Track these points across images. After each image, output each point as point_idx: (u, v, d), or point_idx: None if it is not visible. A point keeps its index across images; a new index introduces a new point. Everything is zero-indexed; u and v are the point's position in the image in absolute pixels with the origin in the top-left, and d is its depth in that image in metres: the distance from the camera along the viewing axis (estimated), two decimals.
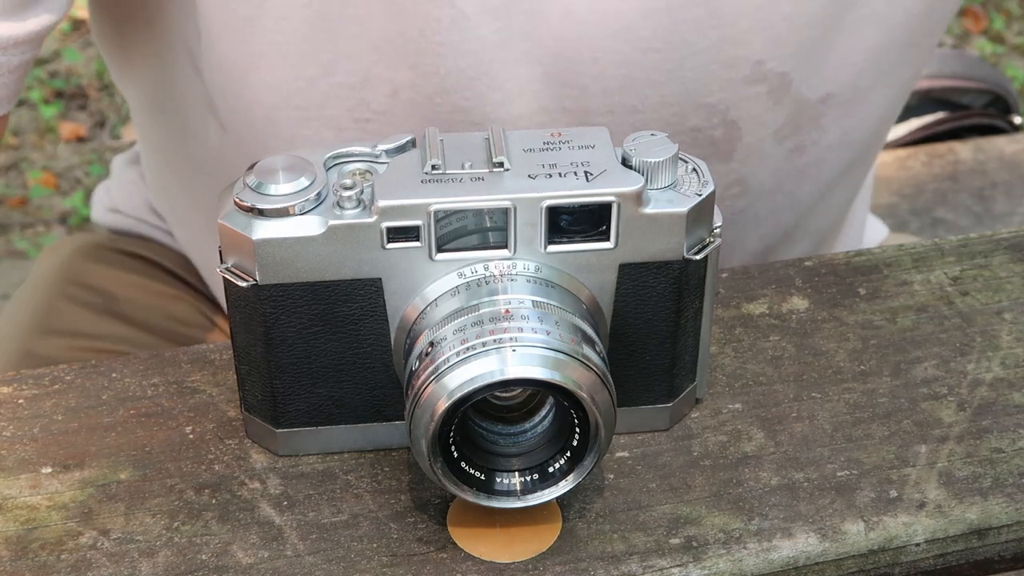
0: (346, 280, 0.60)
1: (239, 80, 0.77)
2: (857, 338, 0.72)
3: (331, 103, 0.77)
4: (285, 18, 0.73)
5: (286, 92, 0.77)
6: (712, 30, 0.75)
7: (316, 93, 0.76)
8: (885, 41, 0.81)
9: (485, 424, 0.60)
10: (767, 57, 0.77)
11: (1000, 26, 2.65)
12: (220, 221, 0.60)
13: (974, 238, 0.78)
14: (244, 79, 0.77)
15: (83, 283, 0.99)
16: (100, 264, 1.00)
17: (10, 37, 0.71)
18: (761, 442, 0.66)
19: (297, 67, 0.75)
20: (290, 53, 0.75)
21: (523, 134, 0.61)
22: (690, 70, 0.76)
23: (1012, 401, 0.68)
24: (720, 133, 0.80)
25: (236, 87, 0.77)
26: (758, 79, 0.78)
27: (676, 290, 0.62)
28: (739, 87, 0.78)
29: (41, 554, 0.61)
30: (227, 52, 0.76)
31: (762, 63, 0.78)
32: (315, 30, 0.74)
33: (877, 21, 0.80)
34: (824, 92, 0.82)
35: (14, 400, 0.68)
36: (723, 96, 0.78)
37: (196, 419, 0.67)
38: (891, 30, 0.81)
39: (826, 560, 0.61)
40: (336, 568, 0.60)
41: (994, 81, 1.62)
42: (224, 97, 0.79)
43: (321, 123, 0.78)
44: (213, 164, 0.85)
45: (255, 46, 0.75)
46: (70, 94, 2.42)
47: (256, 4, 0.73)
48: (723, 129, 0.80)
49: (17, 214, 2.18)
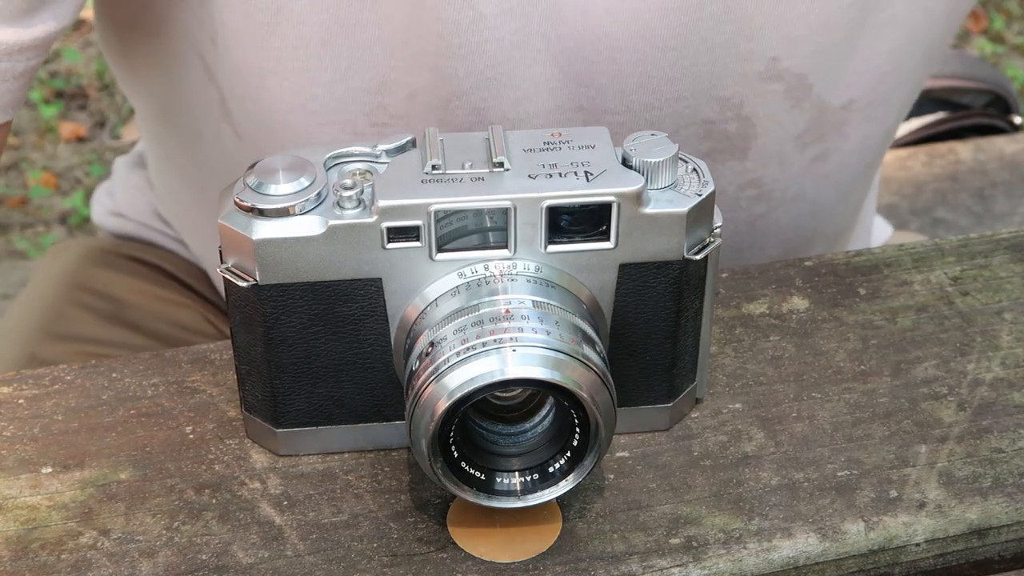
0: (346, 280, 0.60)
1: (257, 85, 0.77)
2: (857, 338, 0.72)
3: (348, 107, 0.77)
4: (302, 23, 0.74)
5: (304, 97, 0.77)
6: (727, 25, 0.75)
7: (333, 98, 0.77)
8: (906, 44, 0.81)
9: (485, 424, 0.60)
10: (782, 55, 0.78)
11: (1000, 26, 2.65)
12: (220, 221, 0.60)
13: (974, 238, 0.78)
14: (261, 84, 0.77)
15: (90, 288, 0.98)
16: (107, 269, 1.00)
17: (16, 43, 0.71)
18: (761, 442, 0.66)
19: (314, 72, 0.76)
20: (307, 58, 0.75)
21: (523, 134, 0.61)
22: (705, 64, 0.77)
23: (1012, 401, 0.68)
24: (734, 128, 0.81)
25: (254, 92, 0.78)
26: (774, 77, 0.78)
27: (676, 290, 0.62)
28: (754, 82, 0.79)
29: (41, 554, 0.61)
30: (244, 58, 0.76)
31: (777, 60, 0.78)
32: (332, 35, 0.74)
33: (897, 24, 0.80)
34: (847, 98, 0.82)
35: (14, 400, 0.68)
36: (737, 90, 0.79)
37: (196, 419, 0.67)
38: (912, 32, 0.81)
39: (826, 560, 0.61)
40: (336, 568, 0.60)
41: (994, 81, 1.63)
42: (241, 103, 0.79)
43: (338, 127, 0.78)
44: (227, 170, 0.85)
45: (273, 52, 0.75)
46: (70, 94, 2.42)
47: (274, 10, 0.73)
48: (737, 124, 0.80)
49: (17, 214, 2.18)
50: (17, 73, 0.72)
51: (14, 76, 0.72)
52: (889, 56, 0.81)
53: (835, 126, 0.83)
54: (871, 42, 0.80)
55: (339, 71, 0.75)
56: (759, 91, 0.79)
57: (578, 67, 0.76)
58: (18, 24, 0.71)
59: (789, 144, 0.83)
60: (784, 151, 0.83)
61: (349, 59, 0.75)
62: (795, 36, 0.77)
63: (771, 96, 0.79)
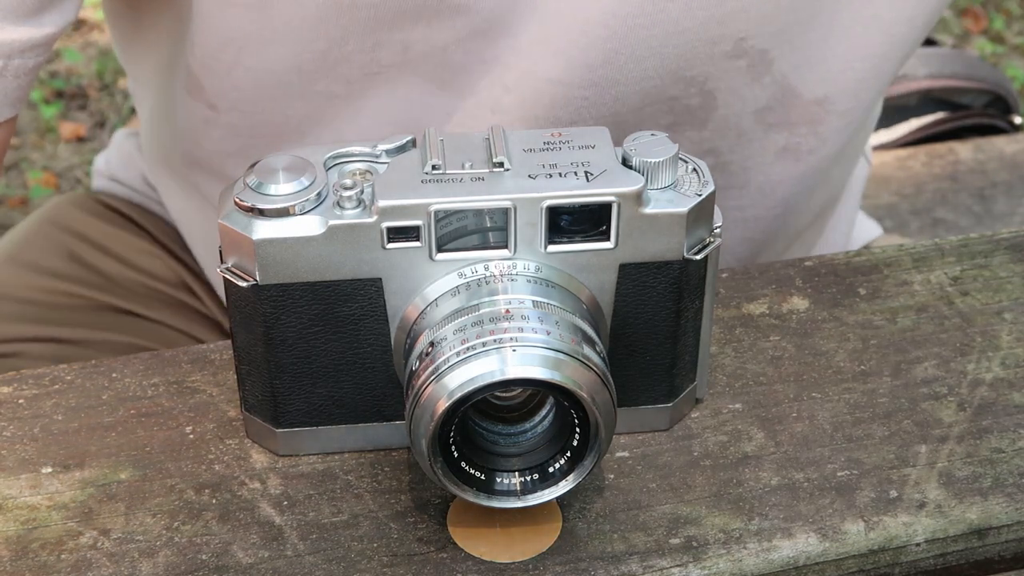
0: (346, 280, 0.60)
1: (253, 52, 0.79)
2: (857, 338, 0.72)
3: (341, 66, 0.79)
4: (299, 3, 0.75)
5: (299, 60, 0.79)
6: (699, 10, 0.77)
7: (327, 61, 0.78)
8: (887, 49, 0.82)
9: (485, 424, 0.60)
10: (749, 34, 0.79)
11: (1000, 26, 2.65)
12: (220, 221, 0.60)
13: (974, 238, 0.78)
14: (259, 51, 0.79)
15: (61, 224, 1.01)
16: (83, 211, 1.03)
17: (28, 40, 0.73)
18: (761, 442, 0.66)
19: (308, 42, 0.77)
20: (302, 30, 0.77)
21: (523, 134, 0.61)
22: (674, 47, 0.78)
23: (1012, 401, 0.68)
24: (696, 102, 0.82)
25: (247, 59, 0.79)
26: (739, 54, 0.80)
27: (676, 290, 0.62)
28: (720, 61, 0.80)
29: (41, 554, 0.61)
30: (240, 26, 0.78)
31: (744, 40, 0.79)
32: (328, 12, 0.75)
33: (880, 30, 0.81)
34: (821, 93, 0.83)
35: (14, 400, 0.68)
36: (703, 69, 0.80)
37: (196, 419, 0.67)
38: (892, 39, 0.82)
39: (826, 560, 0.61)
40: (336, 568, 0.60)
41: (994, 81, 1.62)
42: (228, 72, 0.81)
43: (331, 80, 0.79)
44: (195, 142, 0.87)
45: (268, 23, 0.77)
46: (70, 94, 2.42)
47: None
48: (700, 98, 0.82)
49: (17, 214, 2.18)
50: (28, 69, 0.74)
51: (24, 72, 0.74)
52: (870, 61, 0.82)
53: (808, 121, 0.84)
54: (851, 40, 0.81)
55: (333, 40, 0.77)
56: (723, 68, 0.81)
57: (552, 34, 0.77)
58: (28, 23, 0.73)
59: (748, 118, 0.84)
60: (743, 124, 0.84)
61: (344, 31, 0.77)
62: (763, 16, 0.78)
63: (734, 72, 0.81)
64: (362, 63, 0.78)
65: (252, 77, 0.80)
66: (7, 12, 0.72)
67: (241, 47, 0.79)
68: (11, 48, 0.72)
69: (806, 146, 0.86)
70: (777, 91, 0.83)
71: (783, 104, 0.83)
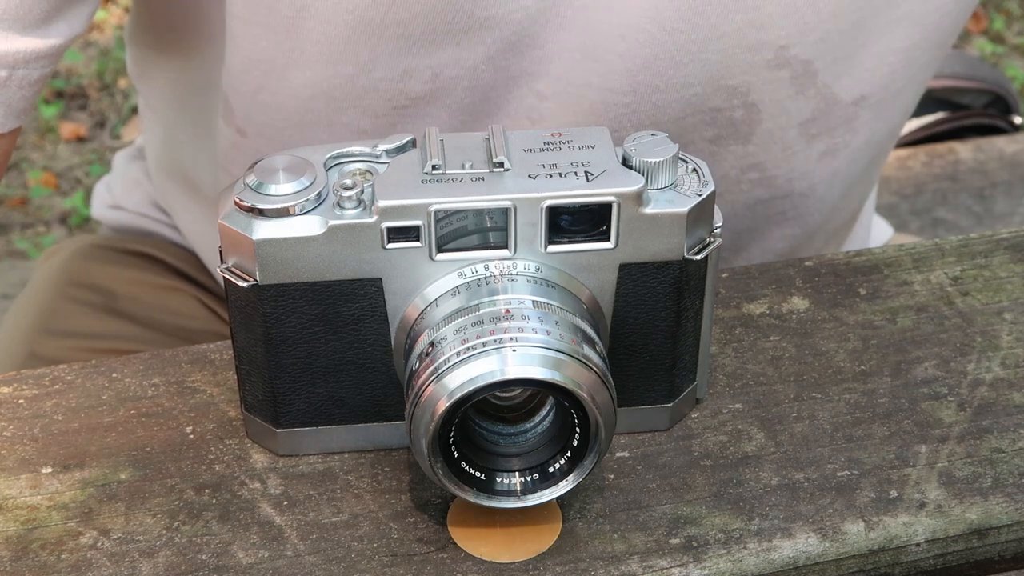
0: (346, 280, 0.60)
1: (278, 76, 0.78)
2: (857, 338, 0.72)
3: (369, 95, 0.78)
4: (327, 21, 0.74)
5: (326, 86, 0.78)
6: (737, 14, 0.76)
7: (355, 87, 0.78)
8: (919, 41, 0.82)
9: (485, 424, 0.60)
10: (791, 43, 0.78)
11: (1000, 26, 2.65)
12: (220, 221, 0.60)
13: (974, 238, 0.78)
14: (283, 75, 0.78)
15: (82, 283, 0.99)
16: (99, 263, 1.01)
17: (33, 51, 0.72)
18: (761, 442, 0.66)
19: (337, 65, 0.77)
20: (330, 52, 0.76)
21: (523, 134, 0.61)
22: (713, 52, 0.77)
23: (1012, 401, 0.68)
24: (740, 115, 0.81)
25: (273, 83, 0.79)
26: (781, 64, 0.79)
27: (676, 290, 0.62)
28: (761, 71, 0.79)
29: (41, 554, 0.61)
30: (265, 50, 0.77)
31: (786, 48, 0.78)
32: (356, 33, 0.75)
33: (912, 22, 0.80)
34: (858, 93, 0.82)
35: (14, 400, 0.68)
36: (745, 79, 0.79)
37: (196, 419, 0.67)
38: (924, 30, 0.81)
39: (826, 560, 0.61)
40: (336, 568, 0.60)
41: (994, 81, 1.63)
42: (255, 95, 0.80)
43: (359, 111, 0.79)
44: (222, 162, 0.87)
45: (296, 44, 0.76)
46: (70, 94, 2.42)
47: (300, 7, 0.74)
48: (743, 111, 0.81)
49: (17, 214, 2.18)
50: (33, 80, 0.73)
51: (29, 83, 0.73)
52: (902, 53, 0.81)
53: (845, 121, 0.83)
54: (885, 39, 0.80)
55: (361, 64, 0.76)
56: (766, 79, 0.79)
57: (590, 39, 0.76)
58: (35, 33, 0.72)
59: (793, 131, 0.83)
60: (788, 138, 0.83)
61: (372, 54, 0.76)
62: (804, 23, 0.77)
63: (777, 83, 0.80)
64: (390, 94, 0.78)
65: (277, 102, 0.80)
66: (13, 21, 0.70)
67: (266, 70, 0.78)
68: (16, 58, 0.71)
69: (843, 143, 0.85)
70: (820, 102, 0.82)
71: (825, 113, 0.83)
